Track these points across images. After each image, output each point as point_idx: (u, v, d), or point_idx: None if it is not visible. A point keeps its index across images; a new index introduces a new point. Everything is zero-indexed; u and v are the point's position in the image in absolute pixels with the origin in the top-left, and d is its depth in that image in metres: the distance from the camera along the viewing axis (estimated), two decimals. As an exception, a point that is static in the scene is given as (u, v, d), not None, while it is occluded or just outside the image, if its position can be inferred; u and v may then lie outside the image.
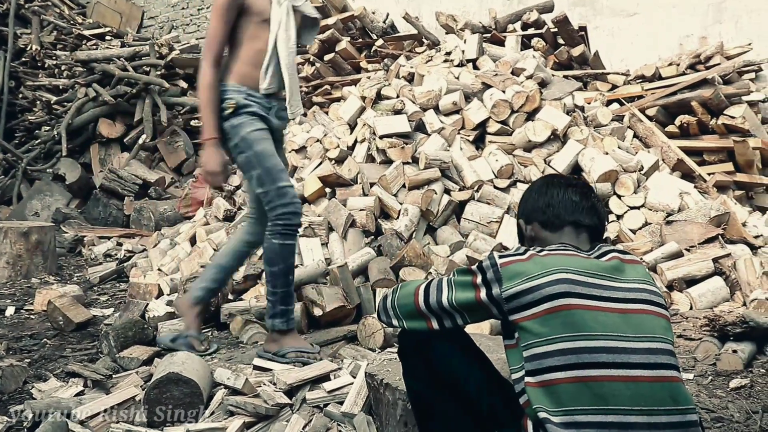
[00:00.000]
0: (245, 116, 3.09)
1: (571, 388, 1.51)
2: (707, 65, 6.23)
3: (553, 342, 1.53)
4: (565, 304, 1.54)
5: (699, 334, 3.29)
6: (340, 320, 3.88)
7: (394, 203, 4.73)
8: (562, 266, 1.59)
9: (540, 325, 1.55)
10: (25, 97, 9.41)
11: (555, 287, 1.55)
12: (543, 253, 1.64)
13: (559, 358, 1.52)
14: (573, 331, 1.52)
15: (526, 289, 1.57)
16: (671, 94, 6.00)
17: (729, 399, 2.69)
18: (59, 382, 3.24)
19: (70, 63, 8.85)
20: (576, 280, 1.57)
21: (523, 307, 1.57)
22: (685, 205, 4.68)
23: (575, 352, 1.51)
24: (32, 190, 8.21)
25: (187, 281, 4.08)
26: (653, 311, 1.62)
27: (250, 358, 3.26)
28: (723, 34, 6.67)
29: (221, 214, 5.75)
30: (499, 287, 1.60)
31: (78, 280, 5.62)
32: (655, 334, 1.58)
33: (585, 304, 1.55)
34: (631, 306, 1.59)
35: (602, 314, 1.55)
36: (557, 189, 1.87)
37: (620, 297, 1.60)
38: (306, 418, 2.67)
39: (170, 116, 8.17)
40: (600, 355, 1.52)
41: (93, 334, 4.10)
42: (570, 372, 1.51)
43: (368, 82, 6.12)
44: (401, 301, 1.80)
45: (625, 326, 1.56)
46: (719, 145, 5.73)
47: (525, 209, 1.92)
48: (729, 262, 4.04)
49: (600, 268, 1.63)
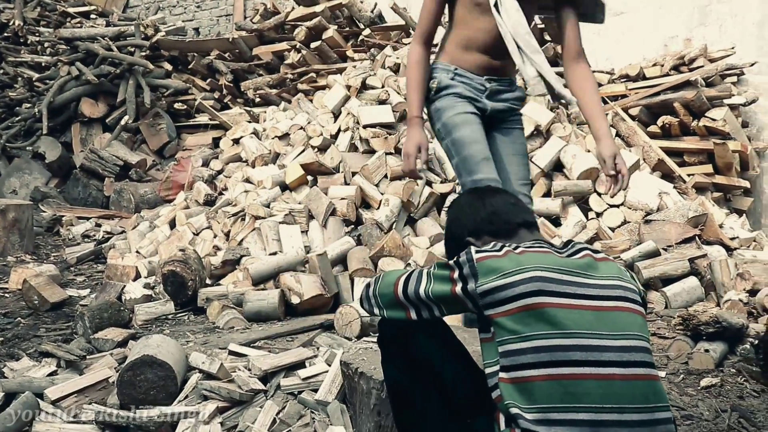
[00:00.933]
0: (451, 98, 2.67)
1: (544, 386, 1.51)
2: (691, 67, 6.27)
3: (528, 339, 1.54)
4: (539, 302, 1.54)
5: (673, 332, 3.32)
6: (318, 308, 3.88)
7: (376, 193, 4.73)
8: (536, 264, 1.59)
9: (514, 323, 1.55)
10: (6, 73, 9.25)
11: (529, 285, 1.56)
12: (518, 250, 1.65)
13: (533, 356, 1.53)
14: (547, 329, 1.53)
15: (501, 286, 1.57)
16: (654, 95, 6.03)
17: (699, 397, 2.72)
18: (32, 361, 3.22)
19: (54, 40, 8.74)
20: (550, 278, 1.58)
21: (498, 303, 1.58)
22: (664, 205, 4.71)
23: (549, 350, 1.52)
24: (11, 168, 8.11)
25: (165, 264, 4.06)
26: (628, 308, 1.62)
27: (225, 343, 3.24)
28: (707, 36, 6.70)
29: (202, 198, 5.71)
30: (475, 282, 1.60)
31: (55, 259, 5.57)
32: (629, 331, 1.59)
33: (559, 302, 1.55)
34: (605, 303, 1.60)
35: (576, 312, 1.56)
36: (491, 198, 1.90)
37: (594, 294, 1.60)
38: (280, 405, 2.67)
39: (153, 98, 8.08)
40: (574, 353, 1.52)
41: (68, 314, 4.07)
42: (544, 370, 1.52)
43: (354, 71, 6.10)
44: (382, 290, 1.80)
45: (599, 324, 1.56)
46: (700, 147, 5.78)
47: (468, 225, 1.89)
48: (705, 263, 4.08)
49: (574, 266, 1.63)
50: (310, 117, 6.05)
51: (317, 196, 4.69)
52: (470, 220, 1.89)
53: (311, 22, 7.73)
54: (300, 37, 7.72)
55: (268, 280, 4.10)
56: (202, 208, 5.61)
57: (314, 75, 7.39)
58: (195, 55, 8.64)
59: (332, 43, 7.62)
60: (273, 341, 3.39)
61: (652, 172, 5.33)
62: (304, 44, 7.70)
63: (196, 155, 6.84)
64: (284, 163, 5.45)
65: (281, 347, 3.26)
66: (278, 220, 4.64)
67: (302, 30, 7.72)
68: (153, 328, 3.77)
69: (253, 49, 8.44)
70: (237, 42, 8.39)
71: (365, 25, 7.92)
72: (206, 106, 7.93)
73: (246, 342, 3.29)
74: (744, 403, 2.71)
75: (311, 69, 7.50)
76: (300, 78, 7.53)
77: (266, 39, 8.42)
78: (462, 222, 1.92)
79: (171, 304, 4.01)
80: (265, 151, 5.87)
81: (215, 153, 6.83)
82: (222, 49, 8.66)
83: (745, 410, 2.65)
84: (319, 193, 4.71)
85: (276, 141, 5.89)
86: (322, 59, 7.64)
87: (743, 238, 4.70)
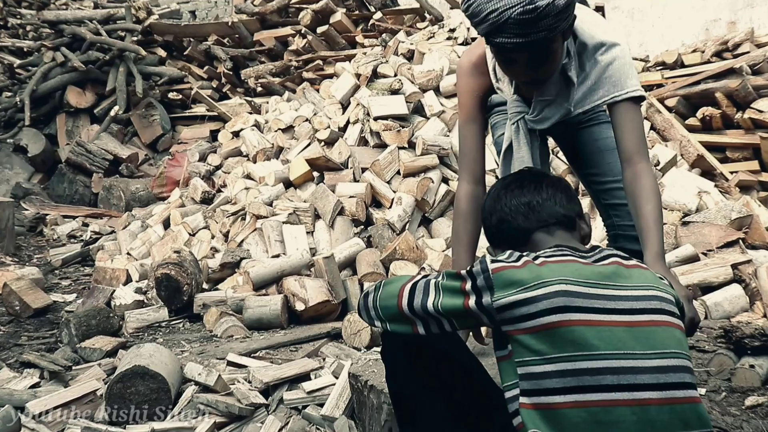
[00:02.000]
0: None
1: (571, 414, 1.49)
2: (735, 53, 6.23)
3: (552, 362, 1.51)
4: (564, 320, 1.51)
5: (713, 346, 3.30)
6: (324, 316, 3.89)
7: (387, 191, 4.73)
8: (560, 277, 1.55)
9: (537, 341, 1.52)
10: (-15, 59, 9.35)
11: (553, 300, 1.52)
12: (539, 260, 1.61)
13: (559, 380, 1.50)
14: (574, 350, 1.50)
15: (520, 301, 1.54)
16: (694, 84, 6.00)
17: (744, 418, 2.70)
18: (13, 372, 3.23)
19: (37, 23, 8.79)
20: (576, 291, 1.54)
21: (517, 319, 1.55)
22: (704, 205, 4.68)
23: (576, 374, 1.49)
24: (-10, 162, 8.16)
25: (158, 267, 4.08)
26: (665, 321, 1.59)
27: (224, 353, 3.25)
28: (754, 19, 6.64)
29: (198, 195, 5.73)
30: (490, 296, 1.57)
31: (38, 262, 5.60)
32: (667, 348, 1.55)
33: (587, 319, 1.52)
34: (638, 318, 1.56)
35: (606, 329, 1.53)
36: (505, 199, 1.83)
37: (626, 308, 1.56)
38: (282, 420, 2.67)
39: (146, 87, 8.12)
40: (604, 377, 1.49)
41: (52, 321, 4.10)
42: (570, 396, 1.49)
43: (364, 58, 6.10)
44: (383, 302, 1.75)
45: (632, 342, 1.53)
46: (744, 141, 5.73)
47: (486, 236, 1.89)
48: (749, 269, 4.05)
49: (602, 276, 1.59)
50: (316, 108, 6.05)
51: (324, 193, 4.70)
52: (485, 227, 1.89)
53: (317, 4, 7.75)
54: (305, 21, 7.75)
55: (271, 284, 4.11)
56: (198, 206, 5.62)
57: (321, 62, 7.40)
58: (191, 41, 8.67)
59: (340, 27, 7.64)
60: (275, 351, 3.40)
61: (690, 169, 5.30)
62: (309, 29, 7.72)
63: (192, 149, 6.86)
64: (288, 157, 5.46)
65: (284, 358, 3.27)
66: (281, 219, 4.65)
67: (308, 13, 7.74)
68: (145, 336, 3.78)
69: (255, 34, 8.47)
70: (237, 26, 8.42)
71: (376, 8, 7.95)
72: (203, 96, 7.96)
73: (246, 352, 3.30)
74: (792, 424, 2.69)
75: (317, 56, 7.52)
76: (305, 66, 7.55)
77: (268, 23, 8.45)
78: (484, 229, 1.92)
79: (165, 311, 4.02)
80: (267, 144, 5.89)
81: (213, 147, 6.85)
82: (220, 33, 8.69)
83: (793, 431, 2.63)
84: (326, 191, 4.72)
85: (279, 134, 5.89)
86: (329, 45, 7.66)
87: (792, 242, 4.67)
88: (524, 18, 1.85)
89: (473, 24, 1.99)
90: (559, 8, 1.86)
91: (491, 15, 1.90)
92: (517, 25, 1.87)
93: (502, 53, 2.02)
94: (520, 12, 1.85)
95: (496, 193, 1.88)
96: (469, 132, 2.36)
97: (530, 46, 1.93)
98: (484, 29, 1.94)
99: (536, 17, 1.85)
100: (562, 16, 1.90)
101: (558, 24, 1.91)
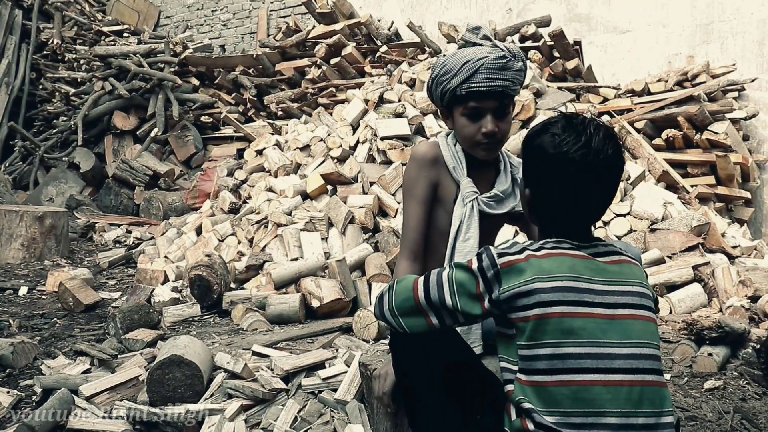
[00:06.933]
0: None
1: (556, 391, 1.51)
2: (694, 83, 6.23)
3: (542, 347, 1.52)
4: (558, 312, 1.52)
5: (677, 337, 3.29)
6: (337, 312, 3.88)
7: (392, 202, 4.73)
8: (558, 273, 1.55)
9: (532, 329, 1.53)
10: (45, 88, 9.40)
11: (550, 295, 1.53)
12: (541, 252, 1.59)
13: (547, 363, 1.52)
14: (562, 337, 1.52)
15: (521, 293, 1.54)
16: (659, 109, 5.99)
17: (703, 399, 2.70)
18: (67, 359, 3.24)
19: (89, 57, 8.84)
20: (569, 287, 1.54)
21: (517, 308, 1.55)
22: (669, 214, 4.68)
23: (562, 358, 1.51)
24: (48, 177, 8.20)
25: (192, 269, 4.08)
26: (642, 316, 1.60)
27: (249, 344, 3.25)
28: (709, 54, 6.67)
29: (227, 206, 5.74)
30: (498, 288, 1.57)
31: (88, 264, 5.61)
32: (641, 339, 1.57)
33: (575, 312, 1.53)
34: (620, 312, 1.57)
35: (591, 321, 1.54)
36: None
37: (611, 302, 1.57)
38: (301, 403, 2.67)
39: (182, 111, 8.15)
40: (585, 361, 1.51)
41: (101, 315, 4.10)
42: (556, 376, 1.51)
43: (372, 86, 6.11)
44: (399, 296, 1.72)
45: (612, 332, 1.54)
46: (702, 159, 5.73)
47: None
48: (708, 270, 4.04)
49: (594, 272, 1.59)
50: (329, 129, 6.06)
51: (337, 204, 4.70)
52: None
53: (331, 39, 7.75)
54: (320, 54, 7.75)
55: (290, 284, 4.11)
56: (227, 215, 5.63)
57: (334, 89, 7.40)
58: (221, 71, 8.69)
59: (351, 59, 7.64)
60: (294, 343, 3.40)
61: (657, 183, 5.29)
62: (324, 60, 7.73)
63: (221, 165, 6.87)
64: (305, 173, 5.46)
65: (302, 349, 3.27)
66: (299, 227, 4.65)
67: (322, 47, 7.75)
68: (180, 329, 3.78)
69: (276, 65, 8.48)
70: (260, 58, 8.44)
71: (382, 42, 7.95)
72: (231, 119, 7.97)
73: (268, 343, 3.30)
74: (746, 405, 2.69)
75: (331, 84, 7.52)
76: (320, 92, 7.55)
77: (288, 55, 8.46)
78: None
79: (197, 307, 4.02)
80: (287, 161, 5.89)
81: (239, 163, 6.86)
82: (246, 65, 8.71)
83: (747, 412, 2.63)
84: (338, 202, 4.72)
85: (297, 152, 5.90)
86: (341, 74, 7.66)
87: (744, 247, 4.66)
88: (496, 63, 1.95)
89: (441, 90, 2.02)
90: (518, 66, 2.00)
91: (467, 64, 1.97)
92: (489, 70, 1.95)
93: (474, 101, 1.98)
94: (494, 58, 1.96)
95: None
96: (416, 213, 2.11)
97: (498, 94, 1.97)
98: (458, 80, 1.97)
99: (505, 65, 1.96)
100: (520, 75, 2.01)
101: (518, 78, 2.00)
